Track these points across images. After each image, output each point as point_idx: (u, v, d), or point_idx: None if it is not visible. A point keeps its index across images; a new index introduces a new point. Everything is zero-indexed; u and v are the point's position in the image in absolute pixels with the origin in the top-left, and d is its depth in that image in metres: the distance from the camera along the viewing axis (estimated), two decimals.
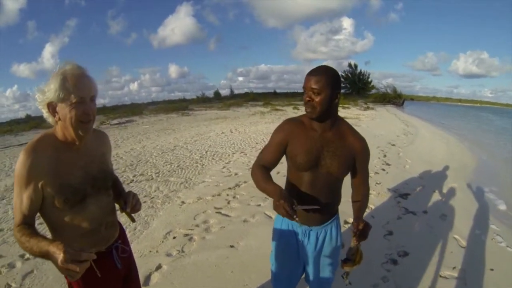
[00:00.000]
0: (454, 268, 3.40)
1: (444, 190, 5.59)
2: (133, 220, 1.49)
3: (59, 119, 1.38)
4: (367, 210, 4.47)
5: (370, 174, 5.93)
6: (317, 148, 1.76)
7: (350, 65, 50.64)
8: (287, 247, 2.01)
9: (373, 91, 45.11)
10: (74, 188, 1.37)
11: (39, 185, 1.33)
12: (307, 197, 1.82)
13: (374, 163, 7.16)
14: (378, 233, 3.91)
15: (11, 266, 3.62)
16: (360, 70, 49.91)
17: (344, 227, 4.06)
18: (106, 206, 1.62)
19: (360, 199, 1.93)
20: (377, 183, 5.80)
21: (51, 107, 1.37)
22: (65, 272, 1.09)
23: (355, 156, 1.81)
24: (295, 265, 2.04)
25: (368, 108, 25.06)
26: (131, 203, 1.53)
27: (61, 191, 1.36)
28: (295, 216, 1.50)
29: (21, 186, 1.31)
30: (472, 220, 4.45)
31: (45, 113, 1.41)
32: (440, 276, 3.28)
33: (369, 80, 49.19)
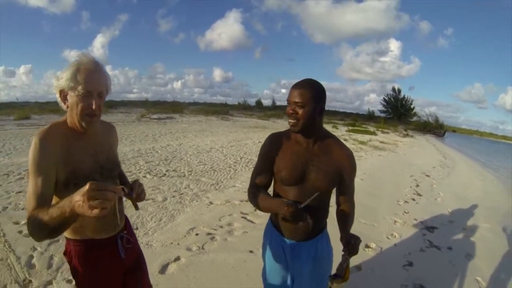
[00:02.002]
0: None
1: (474, 229, 5.40)
2: (136, 207, 1.55)
3: (67, 107, 1.45)
4: (391, 238, 4.46)
5: (399, 202, 5.96)
6: (302, 163, 1.75)
7: (394, 89, 49.80)
8: (277, 263, 1.98)
9: (415, 118, 44.16)
10: (84, 174, 1.41)
11: (53, 169, 1.36)
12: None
13: (405, 192, 7.05)
14: (397, 262, 3.83)
15: None
16: (404, 96, 48.99)
17: (365, 251, 4.05)
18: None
19: (347, 214, 1.88)
20: (405, 212, 5.69)
21: (63, 94, 1.43)
22: (95, 204, 1.03)
23: (341, 170, 1.77)
24: (285, 281, 2.00)
25: (407, 135, 24.47)
26: (137, 191, 1.52)
27: (73, 177, 1.41)
28: (308, 217, 1.58)
29: (35, 171, 1.32)
30: (498, 264, 4.30)
31: (58, 99, 1.46)
32: None
33: (412, 106, 48.11)
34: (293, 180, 1.76)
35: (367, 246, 4.17)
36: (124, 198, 1.69)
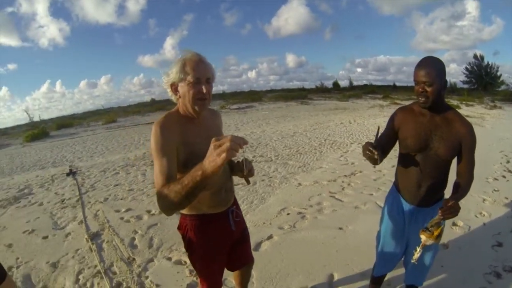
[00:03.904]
0: None
1: None
2: (248, 182, 1.61)
3: (180, 97, 1.58)
4: (480, 217, 4.08)
5: (488, 180, 5.50)
6: (426, 132, 1.88)
7: (475, 56, 44.17)
8: (394, 226, 2.16)
9: (502, 87, 38.96)
10: (200, 155, 1.40)
11: (174, 151, 1.49)
12: (417, 177, 1.97)
13: (494, 168, 6.31)
14: (486, 242, 3.48)
15: (139, 218, 4.37)
16: (488, 62, 42.98)
17: (452, 229, 3.76)
18: (225, 172, 1.81)
19: (461, 186, 1.90)
20: (495, 190, 5.10)
21: (174, 87, 1.58)
22: (221, 155, 1.09)
23: (461, 141, 1.85)
24: (400, 244, 2.18)
25: (495, 106, 21.87)
26: (248, 167, 1.64)
27: (191, 158, 1.51)
28: (376, 153, 1.71)
29: (159, 152, 1.46)
30: None
31: (169, 92, 1.62)
32: None
33: (498, 74, 42.64)
34: (417, 147, 1.91)
35: (454, 224, 3.83)
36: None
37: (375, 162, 1.76)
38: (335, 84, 45.75)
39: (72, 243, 3.71)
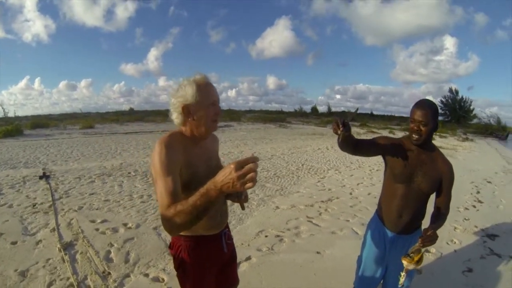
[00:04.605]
0: None
1: None
2: (243, 208, 1.65)
3: (193, 119, 1.58)
4: (451, 244, 4.30)
5: (459, 209, 5.71)
6: (412, 166, 2.04)
7: (451, 90, 46.16)
8: (376, 251, 2.26)
9: (475, 120, 40.78)
10: (201, 177, 1.48)
11: (178, 171, 1.47)
12: (399, 207, 2.11)
13: (465, 198, 6.67)
14: (457, 268, 3.70)
15: (115, 230, 4.25)
16: (462, 96, 45.12)
17: (425, 255, 3.85)
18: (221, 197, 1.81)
19: (438, 217, 2.07)
20: (465, 218, 5.37)
21: (186, 109, 1.57)
22: (243, 179, 1.08)
23: (442, 178, 2.05)
24: (380, 268, 2.28)
25: (467, 139, 22.72)
26: (244, 193, 1.67)
27: (192, 180, 1.52)
28: (340, 130, 1.84)
29: (164, 171, 1.42)
30: None
31: (177, 114, 1.61)
32: None
33: (471, 108, 44.31)
34: (403, 178, 2.06)
35: (427, 251, 3.98)
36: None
37: (336, 135, 1.89)
38: (314, 109, 46.56)
39: (43, 252, 3.55)
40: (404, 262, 1.88)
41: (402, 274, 1.94)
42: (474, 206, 6.22)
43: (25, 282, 2.99)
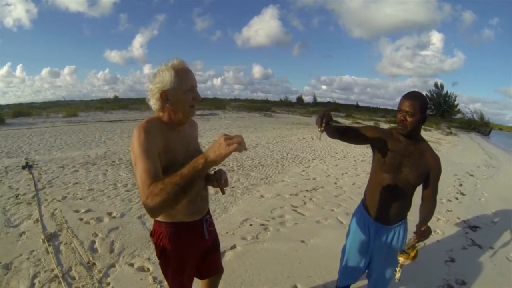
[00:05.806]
0: None
1: None
2: (223, 192, 1.70)
3: (171, 105, 1.59)
4: (434, 234, 4.35)
5: (442, 201, 5.86)
6: (400, 156, 2.05)
7: (436, 84, 46.52)
8: (360, 241, 2.29)
9: (458, 115, 41.19)
10: (180, 163, 1.45)
11: (157, 155, 1.48)
12: (385, 197, 2.14)
13: (448, 190, 6.86)
14: (440, 257, 3.82)
15: (99, 220, 4.24)
16: (447, 92, 45.48)
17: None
18: (201, 182, 1.84)
19: (427, 211, 2.11)
20: (448, 210, 5.53)
21: (164, 95, 1.56)
22: (231, 146, 1.17)
23: (429, 171, 2.06)
24: (364, 258, 2.32)
25: (450, 133, 23.12)
26: (223, 177, 1.76)
27: (171, 165, 1.51)
28: (321, 129, 1.97)
29: (143, 154, 1.43)
30: None
31: (155, 100, 1.60)
32: None
33: (455, 103, 44.77)
34: (390, 168, 2.08)
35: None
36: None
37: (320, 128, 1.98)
38: (299, 99, 46.50)
39: (27, 243, 3.52)
40: (401, 259, 1.92)
41: (398, 269, 1.98)
42: (457, 198, 6.38)
43: (9, 275, 2.94)
